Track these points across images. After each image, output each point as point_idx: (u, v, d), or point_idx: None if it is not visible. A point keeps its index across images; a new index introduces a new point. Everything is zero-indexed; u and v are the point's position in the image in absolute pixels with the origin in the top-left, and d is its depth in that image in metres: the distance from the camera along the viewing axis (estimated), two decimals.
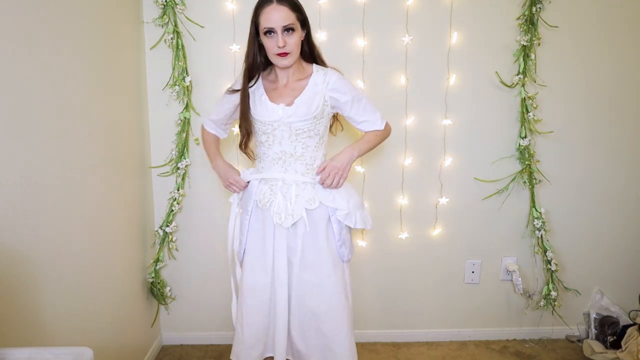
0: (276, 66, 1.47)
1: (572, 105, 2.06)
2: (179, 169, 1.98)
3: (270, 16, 1.34)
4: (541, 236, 2.11)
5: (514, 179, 2.09)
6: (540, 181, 2.09)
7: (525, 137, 2.02)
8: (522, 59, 1.95)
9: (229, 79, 1.96)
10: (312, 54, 1.51)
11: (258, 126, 1.50)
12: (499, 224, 2.15)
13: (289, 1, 1.36)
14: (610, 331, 2.12)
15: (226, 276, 2.13)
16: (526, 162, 2.03)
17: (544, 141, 2.07)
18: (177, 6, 1.87)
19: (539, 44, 1.97)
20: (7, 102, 1.10)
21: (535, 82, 2.00)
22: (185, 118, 1.95)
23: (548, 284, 2.14)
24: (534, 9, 1.91)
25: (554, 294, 2.12)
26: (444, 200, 2.11)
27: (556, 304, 2.15)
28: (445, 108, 2.03)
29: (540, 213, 2.09)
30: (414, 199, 2.11)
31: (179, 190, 1.99)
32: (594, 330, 2.19)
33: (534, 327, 2.26)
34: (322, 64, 1.53)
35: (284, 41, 1.36)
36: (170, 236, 2.04)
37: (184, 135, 1.96)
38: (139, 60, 1.90)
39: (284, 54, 1.38)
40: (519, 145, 2.03)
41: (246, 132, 1.53)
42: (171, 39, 1.88)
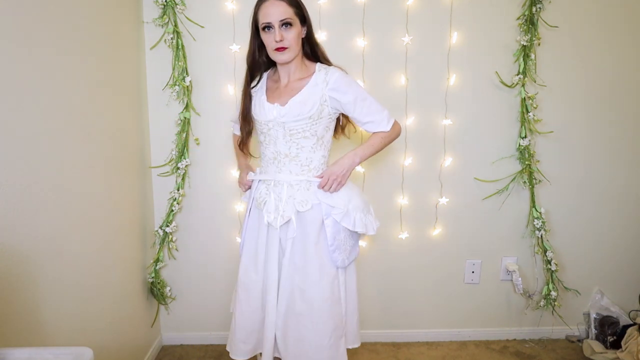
0: (277, 64, 1.46)
1: (572, 105, 2.06)
2: (179, 169, 1.98)
3: (267, 11, 1.35)
4: (541, 236, 2.11)
5: (514, 179, 2.09)
6: (540, 181, 2.09)
7: (525, 137, 2.02)
8: (522, 59, 1.95)
9: (229, 79, 1.96)
10: (315, 53, 1.48)
11: (257, 126, 1.51)
12: (499, 224, 2.15)
13: None
14: (610, 331, 2.12)
15: (226, 276, 2.14)
16: (526, 162, 2.03)
17: (544, 141, 2.07)
18: (177, 6, 1.87)
19: (539, 44, 1.97)
20: (7, 102, 1.10)
21: (535, 82, 2.00)
22: (185, 118, 1.95)
23: (548, 284, 2.14)
24: (534, 9, 1.91)
25: (554, 294, 2.12)
26: (444, 200, 2.11)
27: (556, 304, 2.15)
28: (445, 108, 2.03)
29: (540, 213, 2.09)
30: (414, 199, 2.11)
31: (179, 190, 1.99)
32: (594, 330, 2.19)
33: (534, 327, 2.26)
34: (326, 63, 1.49)
35: (280, 35, 1.35)
36: (170, 236, 2.04)
37: (184, 135, 1.96)
38: (139, 60, 1.90)
39: (281, 48, 1.37)
40: (519, 145, 2.03)
41: (246, 132, 1.54)
42: (171, 39, 1.88)
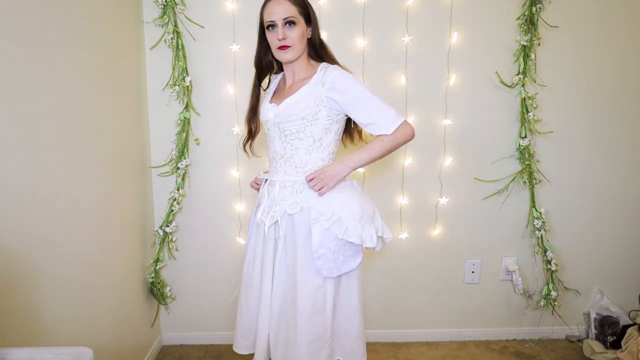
0: (283, 64, 1.46)
1: (572, 105, 2.06)
2: (179, 169, 1.98)
3: (271, 9, 1.35)
4: (541, 236, 2.11)
5: (514, 179, 2.09)
6: (540, 181, 2.09)
7: (525, 137, 2.02)
8: (522, 59, 1.95)
9: (229, 79, 1.96)
10: (320, 53, 1.45)
11: (263, 126, 1.53)
12: (499, 224, 2.15)
13: None
14: (610, 331, 2.12)
15: (226, 276, 2.14)
16: (526, 162, 2.03)
17: (544, 141, 2.07)
18: (177, 6, 1.87)
19: (539, 44, 1.97)
20: (7, 102, 1.10)
21: (535, 82, 2.00)
22: (185, 118, 1.95)
23: (548, 284, 2.14)
24: (534, 9, 1.91)
25: (554, 294, 2.12)
26: (444, 200, 2.11)
27: (556, 304, 2.15)
28: (445, 108, 2.03)
29: (540, 213, 2.09)
30: (414, 199, 2.11)
31: (179, 190, 1.99)
32: (594, 330, 2.19)
33: (534, 327, 2.26)
34: (333, 63, 1.44)
35: (283, 34, 1.34)
36: (170, 236, 2.04)
37: (184, 135, 1.96)
38: (139, 60, 1.90)
39: (284, 47, 1.36)
40: (519, 145, 2.03)
41: (249, 131, 1.56)
42: (171, 39, 1.88)
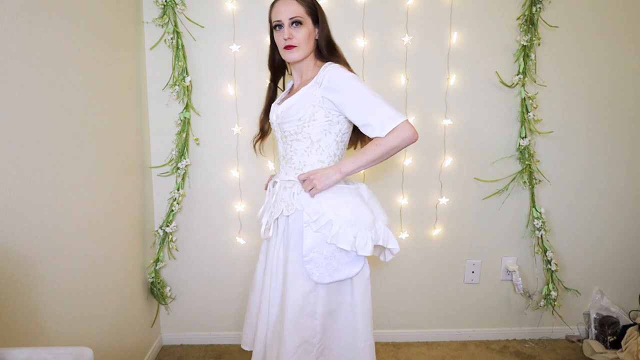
0: (290, 64, 1.46)
1: (572, 105, 2.06)
2: (179, 169, 1.98)
3: (278, 9, 1.35)
4: (541, 236, 2.11)
5: (514, 179, 2.09)
6: (540, 181, 2.09)
7: (525, 137, 2.02)
8: (522, 59, 1.95)
9: (229, 79, 1.96)
10: (327, 53, 1.40)
11: None
12: (499, 224, 2.15)
13: None
14: (610, 331, 2.12)
15: (226, 276, 2.14)
16: (526, 162, 2.03)
17: (544, 141, 2.07)
18: (177, 6, 1.87)
19: (539, 44, 1.97)
20: (7, 103, 1.10)
21: (535, 82, 2.00)
22: (185, 118, 1.95)
23: (548, 284, 2.14)
24: (534, 9, 1.91)
25: (554, 294, 2.12)
26: (444, 200, 2.11)
27: (556, 304, 2.15)
28: (445, 108, 2.03)
29: (540, 213, 2.09)
30: (414, 199, 2.11)
31: (179, 190, 1.99)
32: (594, 330, 2.19)
33: (534, 327, 2.26)
34: (340, 63, 1.39)
35: (289, 33, 1.33)
36: (170, 236, 2.04)
37: (184, 135, 1.96)
38: (139, 60, 1.90)
39: (290, 46, 1.35)
40: (519, 145, 2.03)
41: (260, 130, 1.57)
42: (171, 39, 1.88)
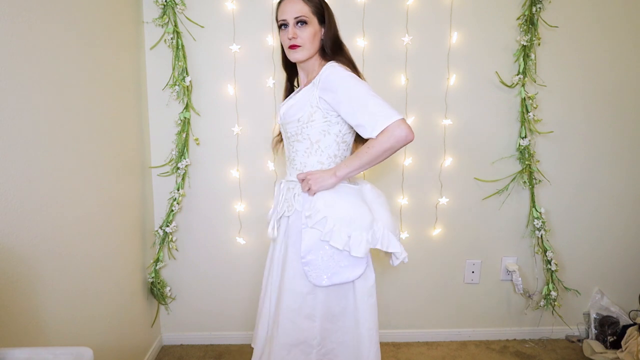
0: (297, 64, 1.44)
1: (572, 105, 2.06)
2: (179, 169, 1.98)
3: (284, 8, 1.34)
4: (541, 236, 2.11)
5: (514, 179, 2.09)
6: (540, 181, 2.09)
7: (525, 137, 2.02)
8: (522, 59, 1.95)
9: (229, 79, 1.96)
10: (332, 53, 1.37)
11: None
12: (499, 224, 2.15)
13: None
14: (610, 331, 2.12)
15: (226, 276, 2.14)
16: (526, 162, 2.03)
17: (544, 141, 2.07)
18: (177, 6, 1.87)
19: (539, 44, 1.97)
20: (7, 103, 1.10)
21: (535, 82, 2.00)
22: (185, 118, 1.95)
23: (548, 284, 2.14)
24: (534, 9, 1.91)
25: (554, 294, 2.12)
26: (444, 200, 2.11)
27: (556, 304, 2.15)
28: (445, 108, 2.03)
29: (540, 213, 2.09)
30: (414, 199, 2.11)
31: (179, 190, 1.99)
32: (594, 330, 2.19)
33: (534, 327, 2.26)
34: (346, 63, 1.36)
35: (293, 33, 1.32)
36: (170, 236, 2.04)
37: (184, 135, 1.96)
38: (139, 60, 1.90)
39: (294, 46, 1.33)
40: (519, 145, 2.03)
41: (279, 131, 1.56)
42: (171, 39, 1.88)
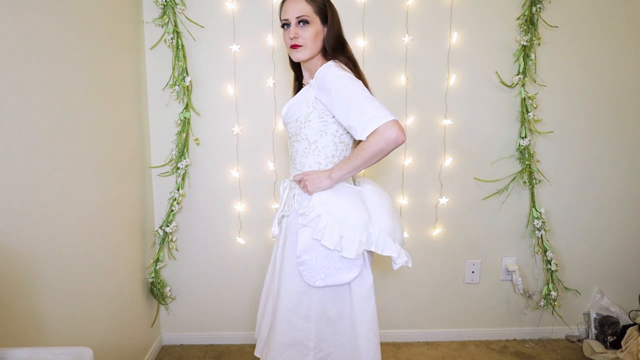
0: (301, 64, 1.44)
1: (572, 105, 2.06)
2: (179, 169, 1.98)
3: (286, 8, 1.34)
4: (541, 236, 2.11)
5: (514, 179, 2.09)
6: (540, 181, 2.09)
7: (525, 137, 2.02)
8: (522, 59, 1.95)
9: (229, 79, 1.96)
10: (333, 53, 1.35)
11: None
12: (499, 224, 2.15)
13: None
14: (610, 331, 2.12)
15: (226, 276, 2.14)
16: (526, 162, 2.03)
17: (544, 141, 2.07)
18: (177, 6, 1.87)
19: (539, 44, 1.97)
20: (7, 103, 1.10)
21: (535, 82, 2.00)
22: (185, 118, 1.95)
23: (548, 284, 2.14)
24: (534, 9, 1.91)
25: (554, 294, 2.12)
26: (444, 200, 2.11)
27: (556, 304, 2.15)
28: (445, 108, 2.03)
29: (540, 213, 2.09)
30: (414, 199, 2.11)
31: (179, 190, 1.99)
32: (594, 330, 2.19)
33: (534, 327, 2.26)
34: (348, 63, 1.35)
35: (295, 32, 1.31)
36: (170, 236, 2.04)
37: (184, 135, 1.96)
38: (139, 60, 1.90)
39: (295, 46, 1.32)
40: (519, 145, 2.03)
41: None
42: (171, 39, 1.88)
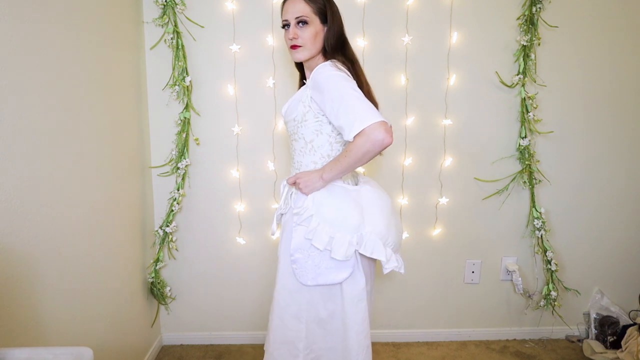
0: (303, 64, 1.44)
1: (572, 105, 2.06)
2: (179, 169, 1.98)
3: (286, 8, 1.34)
4: (541, 236, 2.11)
5: (514, 179, 2.09)
6: (540, 181, 2.09)
7: (525, 137, 2.02)
8: (522, 59, 1.95)
9: (229, 79, 1.96)
10: (333, 52, 1.35)
11: None
12: (499, 224, 2.15)
13: None
14: (610, 331, 2.12)
15: (226, 276, 2.14)
16: (526, 162, 2.03)
17: (544, 141, 2.07)
18: (177, 6, 1.87)
19: (539, 44, 1.97)
20: (7, 103, 1.10)
21: (535, 82, 2.01)
22: (185, 118, 1.95)
23: (548, 284, 2.14)
24: (534, 9, 1.91)
25: (554, 294, 2.12)
26: (444, 200, 2.11)
27: (556, 304, 2.15)
28: (445, 108, 2.03)
29: (540, 213, 2.09)
30: (414, 199, 2.11)
31: (179, 190, 1.99)
32: (594, 330, 2.19)
33: (534, 327, 2.26)
34: (347, 63, 1.35)
35: (294, 33, 1.31)
36: (170, 236, 2.04)
37: (184, 135, 1.96)
38: (139, 60, 1.90)
39: (294, 46, 1.33)
40: (519, 145, 2.03)
41: None
42: (171, 39, 1.88)
